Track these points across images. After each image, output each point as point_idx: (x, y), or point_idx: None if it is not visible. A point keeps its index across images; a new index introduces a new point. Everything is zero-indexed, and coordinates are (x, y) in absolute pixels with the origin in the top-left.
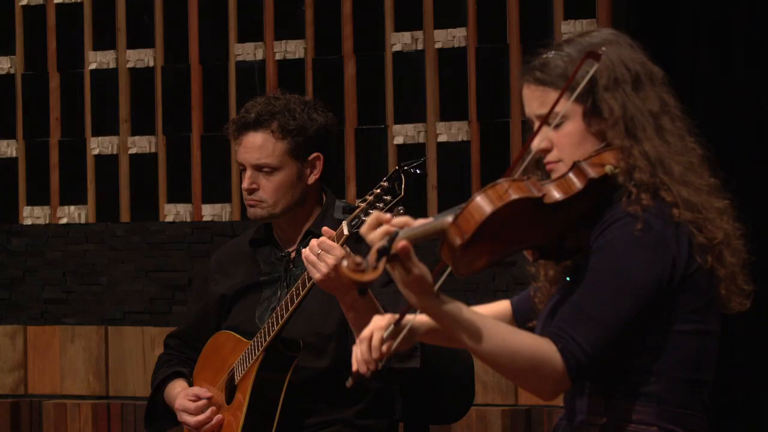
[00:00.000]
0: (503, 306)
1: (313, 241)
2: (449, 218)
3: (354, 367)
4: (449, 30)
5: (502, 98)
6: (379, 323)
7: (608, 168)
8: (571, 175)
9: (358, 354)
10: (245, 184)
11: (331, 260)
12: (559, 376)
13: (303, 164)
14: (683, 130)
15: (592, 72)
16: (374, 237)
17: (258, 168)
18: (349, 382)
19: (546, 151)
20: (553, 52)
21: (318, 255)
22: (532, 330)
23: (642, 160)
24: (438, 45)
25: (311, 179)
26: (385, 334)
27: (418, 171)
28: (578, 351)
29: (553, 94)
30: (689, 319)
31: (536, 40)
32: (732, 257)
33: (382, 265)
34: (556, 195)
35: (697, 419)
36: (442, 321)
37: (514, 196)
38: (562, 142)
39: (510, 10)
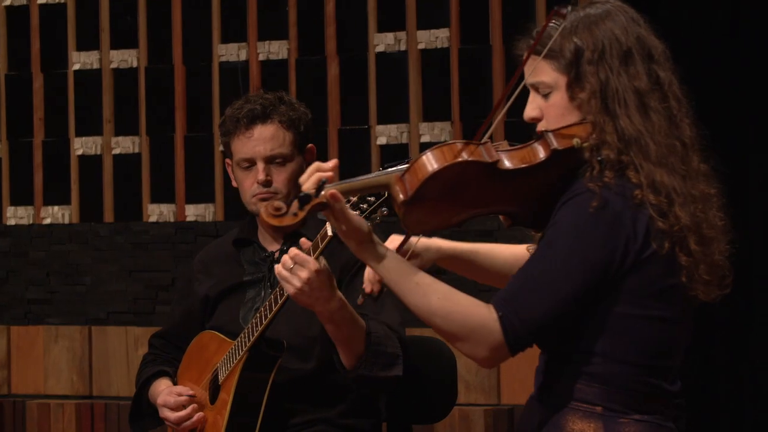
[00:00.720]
0: (522, 250)
1: (285, 257)
2: (399, 173)
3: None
4: (432, 31)
5: (485, 99)
6: (388, 245)
7: (575, 141)
8: (536, 144)
9: (365, 274)
10: (261, 177)
11: (304, 274)
12: (495, 343)
13: (303, 155)
14: (678, 111)
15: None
16: (306, 185)
17: (270, 160)
18: (359, 300)
19: (537, 119)
20: (551, 21)
21: (291, 269)
22: None
23: (613, 137)
24: (421, 46)
25: None
26: None
27: None
28: (518, 322)
29: (542, 63)
30: (642, 304)
31: (519, 41)
32: (698, 246)
33: (303, 213)
34: (509, 163)
35: (649, 403)
36: (379, 272)
37: (462, 157)
38: (549, 112)
39: (493, 11)
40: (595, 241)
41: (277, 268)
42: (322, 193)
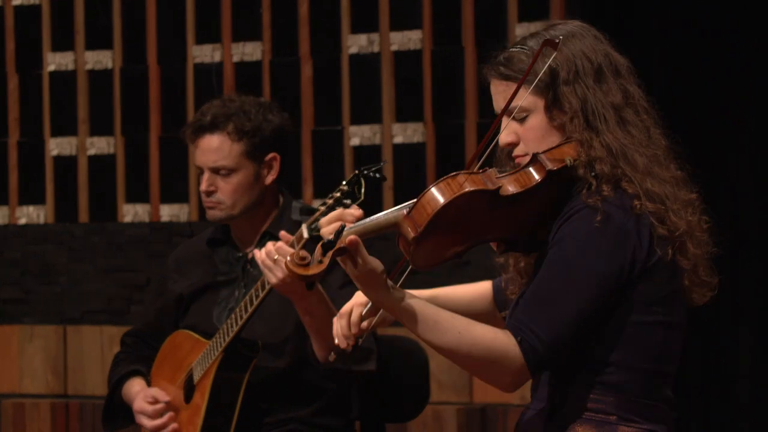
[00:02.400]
0: (484, 287)
1: (269, 245)
2: (404, 211)
3: (335, 342)
4: (405, 32)
5: (457, 100)
6: (360, 299)
7: (568, 159)
8: (530, 168)
9: (337, 329)
10: (203, 187)
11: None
12: (518, 368)
13: (260, 165)
14: (649, 123)
15: (549, 61)
16: (326, 231)
17: (215, 170)
18: (331, 356)
19: (513, 144)
20: (517, 46)
21: (275, 260)
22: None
23: (603, 152)
24: (394, 47)
25: (268, 179)
26: (364, 311)
27: (377, 175)
28: (537, 343)
29: (515, 88)
30: (649, 311)
31: (491, 42)
32: (696, 249)
33: (327, 259)
34: (511, 188)
35: (659, 410)
36: (396, 314)
37: (467, 188)
38: (527, 135)
39: (465, 13)
40: (604, 255)
41: (261, 256)
42: (341, 238)
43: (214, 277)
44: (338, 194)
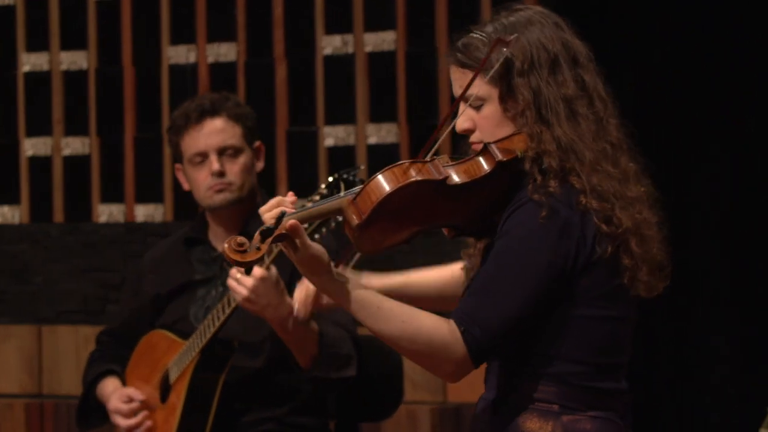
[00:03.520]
0: (456, 270)
1: (233, 270)
2: (350, 197)
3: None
4: (379, 33)
5: (431, 101)
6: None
7: (519, 151)
8: (480, 158)
9: (296, 294)
10: (215, 168)
11: (250, 282)
12: (460, 358)
13: (252, 150)
14: (603, 113)
15: (503, 57)
16: (266, 218)
17: (222, 151)
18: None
19: (470, 131)
20: (477, 32)
21: (237, 278)
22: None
23: (552, 145)
24: (368, 48)
25: (258, 167)
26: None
27: (356, 179)
28: (479, 334)
29: (471, 76)
30: (592, 305)
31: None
32: (639, 248)
33: (265, 246)
34: (458, 178)
35: (605, 399)
36: (340, 301)
37: (413, 177)
38: (482, 124)
39: (439, 14)
40: (548, 249)
41: (228, 280)
42: (283, 224)
43: (190, 276)
44: (317, 197)
